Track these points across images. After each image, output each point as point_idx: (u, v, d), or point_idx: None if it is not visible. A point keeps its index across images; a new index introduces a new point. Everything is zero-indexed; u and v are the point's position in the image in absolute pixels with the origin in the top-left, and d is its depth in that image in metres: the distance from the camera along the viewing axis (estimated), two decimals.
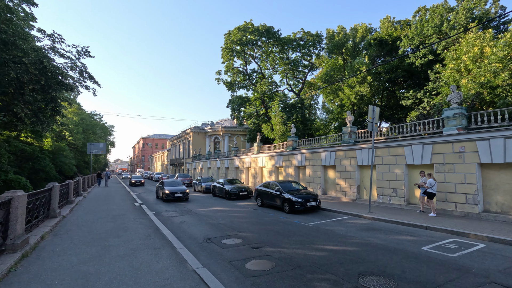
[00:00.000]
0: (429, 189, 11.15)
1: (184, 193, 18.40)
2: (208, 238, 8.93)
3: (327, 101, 40.03)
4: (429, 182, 11.23)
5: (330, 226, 10.54)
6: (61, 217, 9.83)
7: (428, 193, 11.24)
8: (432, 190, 11.11)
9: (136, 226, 9.12)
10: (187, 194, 18.54)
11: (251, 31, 32.50)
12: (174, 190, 18.14)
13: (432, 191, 11.13)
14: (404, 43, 25.45)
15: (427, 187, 11.20)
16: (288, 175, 22.06)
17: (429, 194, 11.26)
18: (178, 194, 18.07)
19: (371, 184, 12.77)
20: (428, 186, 11.15)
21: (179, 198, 18.11)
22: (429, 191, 11.17)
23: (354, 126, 17.29)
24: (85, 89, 14.22)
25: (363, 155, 15.74)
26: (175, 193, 18.01)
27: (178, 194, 18.08)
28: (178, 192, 18.12)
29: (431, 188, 11.11)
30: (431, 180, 11.20)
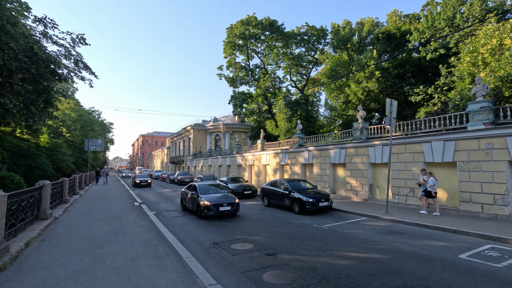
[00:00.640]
0: (429, 188, 10.97)
1: (233, 205, 11.71)
2: (216, 242, 8.04)
3: (330, 98, 39.11)
4: (430, 180, 10.95)
5: (347, 229, 9.66)
6: (52, 218, 8.93)
7: (428, 192, 11.04)
8: (433, 189, 10.91)
9: (135, 229, 8.22)
10: (237, 205, 11.84)
11: (254, 24, 31.49)
12: (217, 202, 11.49)
13: (434, 189, 10.94)
14: (414, 36, 24.48)
15: (431, 186, 10.91)
16: (294, 173, 21.17)
17: (429, 193, 11.07)
18: (224, 207, 11.51)
19: (389, 183, 11.88)
20: (431, 184, 10.92)
21: (226, 213, 11.54)
22: (430, 190, 10.99)
23: (366, 122, 16.38)
24: (80, 80, 13.27)
25: (377, 152, 14.85)
26: (220, 206, 11.41)
27: (225, 207, 11.51)
28: (225, 204, 11.50)
29: (432, 186, 10.89)
30: (432, 179, 10.94)
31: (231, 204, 11.72)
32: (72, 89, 52.83)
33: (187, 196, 13.20)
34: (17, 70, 10.06)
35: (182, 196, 14.11)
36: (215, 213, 11.28)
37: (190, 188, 13.46)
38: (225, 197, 12.13)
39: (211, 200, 11.59)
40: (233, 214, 12.00)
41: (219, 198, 11.95)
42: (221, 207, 11.45)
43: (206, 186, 13.19)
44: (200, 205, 11.46)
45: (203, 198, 11.70)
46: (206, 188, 12.95)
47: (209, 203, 11.35)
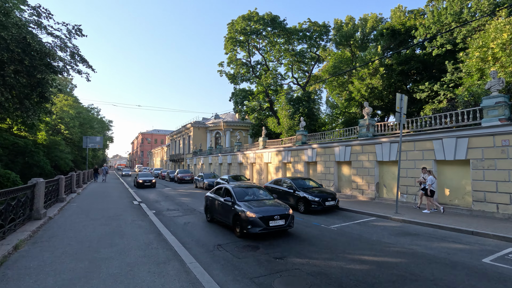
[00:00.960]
0: (428, 186, 10.90)
1: (288, 218, 8.26)
2: (219, 244, 7.58)
3: (332, 95, 38.60)
4: (429, 179, 10.90)
5: (356, 230, 9.19)
6: (46, 218, 8.43)
7: (429, 190, 10.94)
8: (432, 187, 10.86)
9: (134, 230, 7.72)
10: (292, 218, 8.43)
11: (256, 20, 30.89)
12: (266, 213, 8.03)
13: (432, 188, 10.89)
14: (420, 32, 23.93)
15: (429, 185, 10.86)
16: (297, 172, 20.70)
17: (429, 191, 10.97)
18: (276, 221, 8.00)
19: (398, 182, 11.41)
20: (430, 183, 10.85)
21: (278, 229, 8.07)
22: (430, 189, 10.90)
23: (372, 119, 15.90)
24: (77, 74, 12.81)
25: (384, 150, 14.36)
26: (270, 219, 7.93)
27: (277, 221, 8.01)
28: (276, 216, 8.03)
29: (432, 185, 10.84)
30: (431, 177, 10.90)
31: (285, 217, 8.10)
32: (70, 86, 52.30)
33: (216, 203, 9.81)
34: (9, 62, 9.52)
35: (208, 204, 10.49)
36: (264, 229, 7.68)
37: (220, 192, 9.97)
38: (274, 206, 8.50)
39: (257, 210, 7.97)
40: (289, 227, 8.26)
41: (267, 207, 8.35)
42: (271, 221, 7.80)
43: (242, 189, 9.59)
44: (241, 218, 7.89)
45: (244, 208, 8.11)
46: (242, 192, 9.40)
47: (254, 215, 7.76)
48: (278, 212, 8.23)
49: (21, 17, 11.31)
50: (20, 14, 11.97)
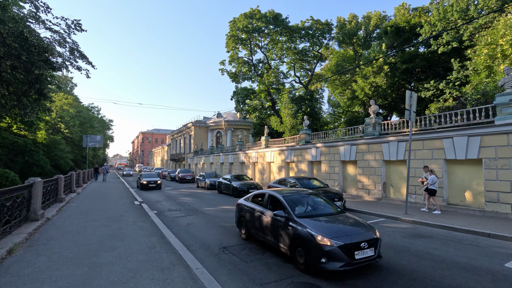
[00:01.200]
0: (430, 185, 10.68)
1: (376, 244, 5.44)
2: (225, 246, 7.23)
3: (335, 94, 38.20)
4: (430, 178, 10.70)
5: None
6: (44, 219, 8.08)
7: (430, 190, 10.76)
8: (433, 186, 10.68)
9: (136, 232, 7.37)
10: (379, 244, 5.54)
11: (258, 17, 30.52)
12: (348, 238, 5.20)
13: (434, 187, 10.69)
14: (425, 29, 23.54)
15: (428, 183, 10.71)
16: (301, 171, 20.35)
17: (430, 191, 10.79)
18: (364, 250, 5.18)
19: (408, 182, 11.05)
20: (430, 182, 10.66)
21: (365, 262, 5.20)
22: (431, 188, 10.72)
23: (379, 117, 15.53)
24: (76, 70, 12.40)
25: (391, 149, 14.00)
26: (355, 248, 5.13)
27: (365, 250, 5.20)
28: (362, 241, 5.20)
29: (433, 184, 10.66)
30: (433, 177, 10.69)
31: (373, 243, 5.37)
32: (70, 85, 51.98)
33: (255, 216, 7.00)
34: (6, 57, 9.17)
35: (244, 216, 7.51)
36: (347, 265, 4.96)
37: (261, 200, 7.23)
38: (354, 226, 5.74)
39: (333, 233, 5.28)
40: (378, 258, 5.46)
41: (344, 227, 5.69)
42: (358, 251, 5.13)
43: (297, 198, 6.74)
44: (308, 245, 5.24)
45: (313, 229, 5.36)
46: (298, 201, 6.60)
47: (331, 242, 5.07)
48: (363, 236, 5.28)
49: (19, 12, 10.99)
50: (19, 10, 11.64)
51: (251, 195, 7.90)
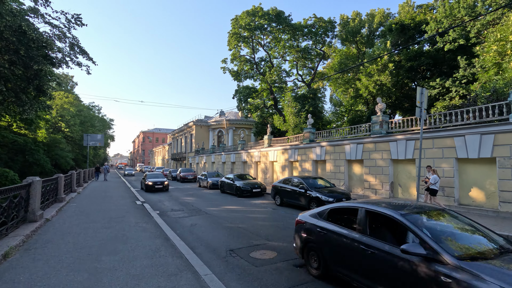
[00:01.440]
0: (432, 185, 10.46)
1: None
2: (232, 249, 6.91)
3: (337, 93, 37.84)
4: (432, 178, 10.49)
5: None
6: (43, 220, 7.75)
7: (431, 189, 10.57)
8: (435, 186, 10.48)
9: (138, 234, 7.04)
10: None
11: (261, 15, 30.15)
12: None
13: (435, 187, 10.49)
14: (431, 26, 23.15)
15: (430, 183, 10.48)
16: (305, 171, 20.00)
17: (432, 191, 10.59)
18: None
19: (418, 181, 10.69)
20: (432, 182, 10.44)
21: None
22: (432, 188, 10.51)
23: (386, 115, 15.18)
24: (77, 66, 12.12)
25: (399, 148, 13.65)
26: None
27: None
28: None
29: (434, 184, 10.45)
30: (435, 176, 10.47)
31: None
32: (71, 84, 51.73)
33: (350, 246, 4.35)
34: (4, 51, 8.85)
35: (320, 244, 4.96)
36: None
37: (352, 221, 4.86)
38: None
39: None
40: None
41: None
42: None
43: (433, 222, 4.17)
44: None
45: None
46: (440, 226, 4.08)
47: None
48: None
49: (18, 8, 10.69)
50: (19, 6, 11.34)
51: (327, 210, 5.33)
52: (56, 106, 37.40)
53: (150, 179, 21.04)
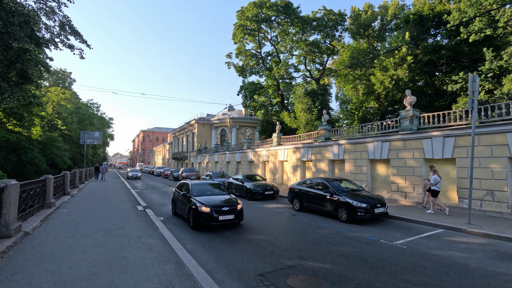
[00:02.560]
0: (433, 186, 10.35)
1: None
2: (261, 273, 5.38)
3: (346, 89, 36.24)
4: (433, 178, 10.37)
5: (434, 248, 6.93)
6: (19, 235, 6.13)
7: (432, 190, 10.41)
8: (436, 187, 10.34)
9: (142, 255, 5.41)
10: None
11: (268, 6, 28.50)
12: None
13: (436, 188, 10.34)
14: (454, 16, 21.51)
15: (431, 184, 10.39)
16: (320, 171, 18.40)
17: (433, 192, 10.42)
18: None
19: (471, 184, 9.08)
20: (432, 183, 10.35)
21: None
22: (433, 189, 10.38)
23: (416, 109, 13.58)
24: (68, 49, 10.42)
25: (435, 146, 12.04)
26: None
27: None
28: None
29: (435, 185, 10.32)
30: (436, 177, 10.37)
31: None
32: (69, 80, 50.06)
33: None
34: None
35: None
36: None
37: None
38: None
39: None
40: None
41: None
42: None
43: None
44: None
45: None
46: None
47: None
48: None
49: None
50: None
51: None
52: (53, 103, 35.79)
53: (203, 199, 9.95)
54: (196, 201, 8.88)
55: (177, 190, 11.17)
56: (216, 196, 9.79)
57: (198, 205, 8.67)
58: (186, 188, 10.23)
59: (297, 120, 25.64)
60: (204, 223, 8.43)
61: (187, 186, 10.23)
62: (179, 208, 10.57)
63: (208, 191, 10.13)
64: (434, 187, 10.35)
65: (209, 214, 8.46)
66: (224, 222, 8.63)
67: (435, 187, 10.34)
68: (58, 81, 46.34)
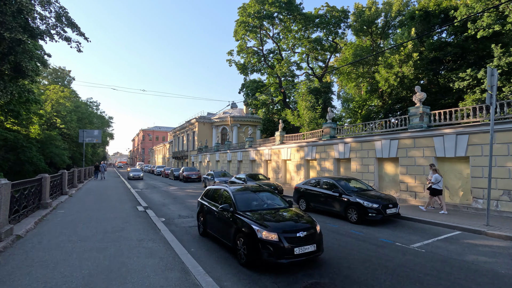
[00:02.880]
0: (434, 185, 10.19)
1: None
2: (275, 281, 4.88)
3: (347, 88, 35.76)
4: (434, 177, 10.21)
5: (454, 252, 6.49)
6: (10, 239, 5.67)
7: (433, 189, 10.27)
8: (437, 186, 10.18)
9: (144, 262, 4.95)
10: None
11: (271, 2, 27.98)
12: None
13: (437, 187, 10.20)
14: (461, 11, 21.05)
15: (432, 182, 10.24)
16: (324, 170, 17.95)
17: (433, 191, 10.30)
18: None
19: (490, 183, 8.63)
20: (433, 181, 10.19)
21: None
22: (434, 187, 10.22)
23: (426, 106, 13.12)
24: (64, 41, 9.94)
25: (447, 144, 11.59)
26: None
27: None
28: None
29: (437, 184, 10.15)
30: (437, 175, 10.21)
31: None
32: (68, 79, 49.55)
33: None
34: None
35: None
36: None
37: None
38: None
39: None
40: None
41: None
42: None
43: None
44: None
45: None
46: None
47: None
48: None
49: None
50: None
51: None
52: (52, 101, 35.30)
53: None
54: (249, 222, 5.46)
55: (205, 200, 7.74)
56: (278, 211, 6.28)
57: (256, 228, 5.24)
58: (224, 198, 6.83)
59: (301, 118, 25.18)
60: (269, 260, 5.04)
61: (226, 194, 6.84)
62: (212, 226, 7.06)
63: (259, 201, 6.74)
64: (435, 186, 10.21)
65: (277, 244, 5.05)
66: (302, 258, 5.19)
67: (436, 185, 10.20)
68: (57, 79, 45.83)
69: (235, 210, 6.08)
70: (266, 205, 6.71)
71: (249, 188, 7.51)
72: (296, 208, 6.83)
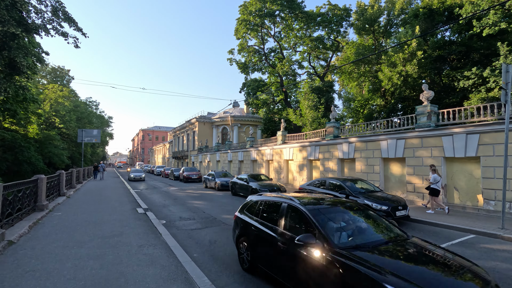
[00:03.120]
0: (433, 185, 10.19)
1: None
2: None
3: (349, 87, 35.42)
4: (433, 177, 10.20)
5: (471, 257, 6.09)
6: (2, 245, 5.30)
7: (432, 189, 10.23)
8: (436, 186, 10.17)
9: (144, 271, 4.59)
10: None
11: (272, 0, 27.59)
12: None
13: (436, 187, 10.17)
14: (466, 9, 20.70)
15: (430, 182, 10.26)
16: (328, 170, 17.59)
17: (433, 191, 10.24)
18: None
19: (505, 184, 8.28)
20: (432, 182, 10.19)
21: None
22: (433, 187, 10.20)
23: (434, 105, 12.76)
24: (61, 36, 9.57)
25: (456, 143, 11.24)
26: None
27: None
28: None
29: (435, 184, 10.15)
30: (435, 176, 10.21)
31: None
32: (67, 78, 49.14)
33: None
34: None
35: None
36: None
37: None
38: None
39: None
40: None
41: None
42: None
43: None
44: None
45: None
46: None
47: None
48: None
49: None
50: None
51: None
52: (50, 101, 34.91)
53: None
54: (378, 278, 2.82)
55: (251, 216, 5.16)
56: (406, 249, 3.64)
57: None
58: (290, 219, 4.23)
59: (303, 117, 24.82)
60: None
61: (296, 212, 4.18)
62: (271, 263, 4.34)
63: (362, 229, 4.02)
64: (434, 186, 10.18)
65: None
66: None
67: (435, 185, 10.17)
68: (56, 79, 45.44)
69: (330, 246, 3.38)
70: (374, 236, 3.88)
71: (336, 202, 4.49)
72: (419, 240, 4.03)
